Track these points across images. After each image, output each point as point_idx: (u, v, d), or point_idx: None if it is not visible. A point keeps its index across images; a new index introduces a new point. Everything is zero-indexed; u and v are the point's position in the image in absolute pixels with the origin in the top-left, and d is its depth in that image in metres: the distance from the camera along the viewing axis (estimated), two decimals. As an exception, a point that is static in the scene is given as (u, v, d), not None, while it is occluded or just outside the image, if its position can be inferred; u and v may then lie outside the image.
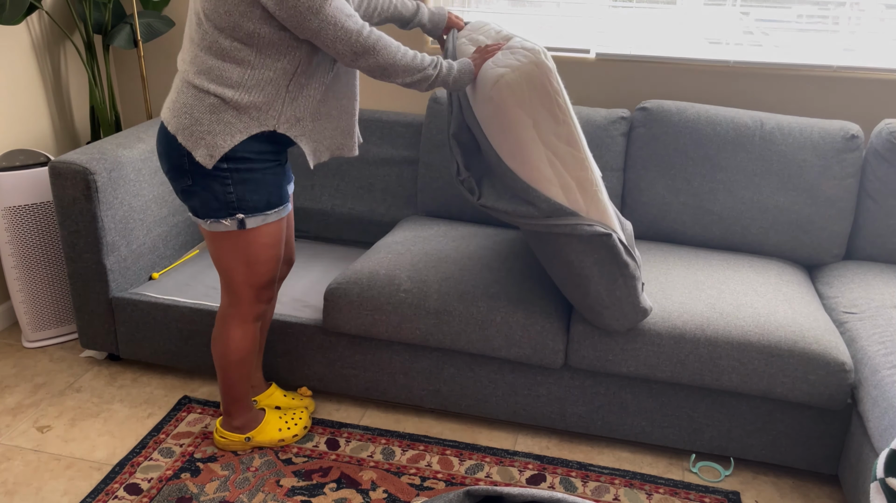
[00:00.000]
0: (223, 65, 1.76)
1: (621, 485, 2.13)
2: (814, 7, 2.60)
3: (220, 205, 1.85)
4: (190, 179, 1.84)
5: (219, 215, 1.86)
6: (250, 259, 1.94)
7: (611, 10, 2.75)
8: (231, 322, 2.04)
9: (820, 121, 2.47)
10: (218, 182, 1.83)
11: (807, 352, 1.99)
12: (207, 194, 1.84)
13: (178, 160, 1.83)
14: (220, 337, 2.06)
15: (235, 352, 2.06)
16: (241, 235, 1.89)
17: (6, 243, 2.56)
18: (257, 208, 1.88)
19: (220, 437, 2.19)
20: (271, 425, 2.21)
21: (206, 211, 1.87)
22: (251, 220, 1.88)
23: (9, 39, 2.69)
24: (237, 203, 1.85)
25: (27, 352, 2.69)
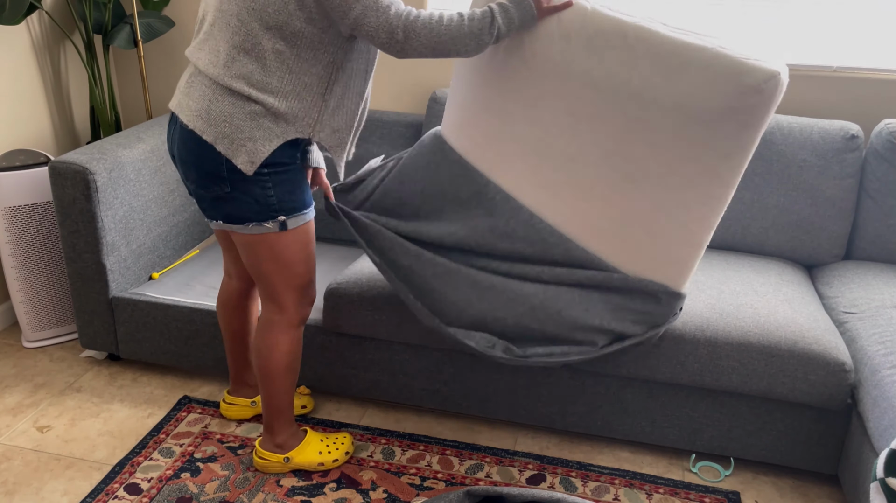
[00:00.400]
0: (263, 69, 1.71)
1: (621, 485, 2.13)
2: (814, 7, 2.60)
3: (260, 208, 1.81)
4: (228, 186, 1.79)
5: (260, 218, 1.82)
6: (290, 261, 1.90)
7: (611, 10, 2.75)
8: (277, 328, 1.98)
9: (820, 121, 2.47)
10: (258, 186, 1.79)
11: (807, 353, 1.99)
12: (248, 198, 1.80)
13: (215, 168, 1.78)
14: (266, 345, 1.99)
15: (283, 360, 1.99)
16: (280, 238, 1.86)
17: (6, 243, 2.56)
18: (296, 208, 1.85)
19: (259, 458, 2.11)
20: (312, 447, 2.12)
21: (247, 215, 1.82)
22: (291, 220, 1.85)
23: (9, 39, 2.69)
24: (278, 205, 1.82)
25: (27, 352, 2.69)
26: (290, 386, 2.04)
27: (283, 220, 1.84)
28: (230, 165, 1.77)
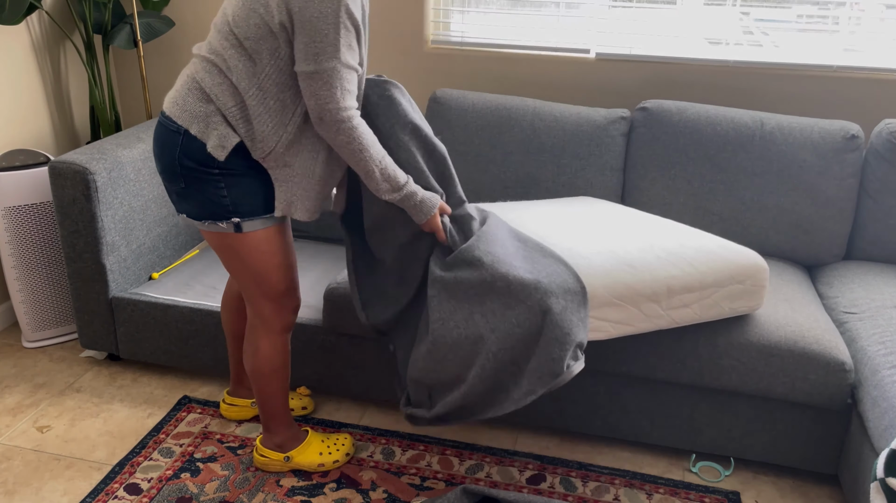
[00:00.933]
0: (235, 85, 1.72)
1: (621, 485, 2.13)
2: (814, 7, 2.60)
3: (214, 208, 1.80)
4: (183, 182, 1.79)
5: (214, 218, 1.81)
6: (259, 268, 1.88)
7: (611, 10, 2.75)
8: (258, 333, 1.98)
9: (820, 121, 2.47)
10: (211, 185, 1.78)
11: (807, 352, 1.99)
12: (202, 197, 1.80)
13: (170, 162, 1.79)
14: (249, 348, 2.00)
15: (265, 365, 1.99)
16: (239, 240, 1.84)
17: (6, 243, 2.56)
18: (253, 212, 1.82)
19: (259, 456, 2.11)
20: (313, 447, 2.12)
21: (202, 213, 1.82)
22: (247, 223, 1.82)
23: (9, 39, 2.69)
24: (232, 207, 1.80)
25: (27, 352, 2.69)
26: (278, 390, 2.03)
27: (238, 223, 1.81)
28: (182, 161, 1.76)
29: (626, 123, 2.56)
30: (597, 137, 2.54)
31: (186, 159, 1.77)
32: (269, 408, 2.05)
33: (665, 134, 2.50)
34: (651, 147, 2.51)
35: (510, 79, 2.85)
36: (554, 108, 2.60)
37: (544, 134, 2.56)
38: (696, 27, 2.71)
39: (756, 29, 2.67)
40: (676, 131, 2.49)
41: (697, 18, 2.70)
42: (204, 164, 1.77)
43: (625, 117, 2.56)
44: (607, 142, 2.54)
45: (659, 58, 2.72)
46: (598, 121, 2.56)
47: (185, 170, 1.77)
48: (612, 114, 2.56)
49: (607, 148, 2.54)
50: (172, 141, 1.78)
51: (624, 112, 2.57)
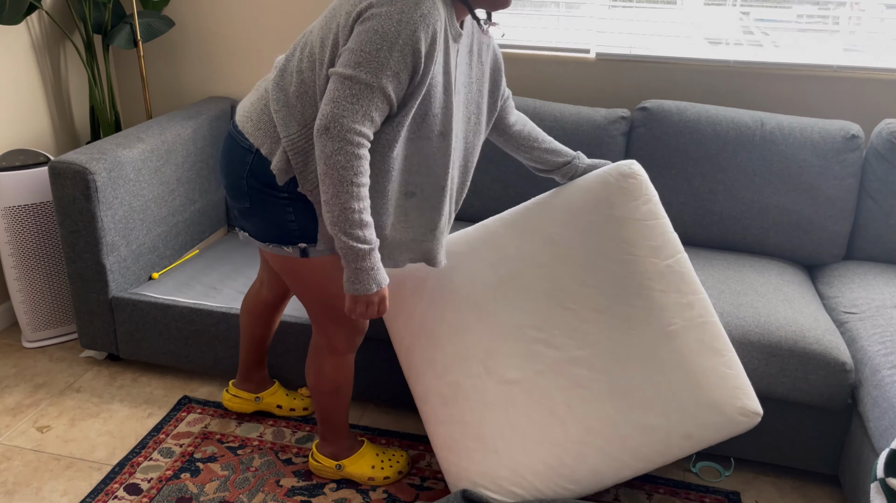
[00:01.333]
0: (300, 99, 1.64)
1: (621, 485, 2.12)
2: (814, 7, 2.60)
3: (280, 232, 1.71)
4: (248, 201, 1.71)
5: (280, 241, 1.73)
6: (323, 293, 1.78)
7: (611, 10, 2.75)
8: (322, 354, 1.92)
9: (820, 121, 2.47)
10: (278, 209, 1.69)
11: (807, 352, 1.99)
12: (267, 219, 1.71)
13: (236, 181, 1.71)
14: (312, 368, 1.95)
15: (328, 385, 1.94)
16: (305, 265, 1.75)
17: (6, 243, 2.56)
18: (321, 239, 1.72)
19: (313, 461, 2.10)
20: (366, 459, 2.08)
21: (267, 236, 1.73)
22: (315, 250, 1.73)
23: (9, 39, 2.69)
24: (299, 232, 1.71)
25: (27, 352, 2.69)
26: (339, 407, 1.98)
27: (304, 248, 1.73)
28: (249, 181, 1.69)
29: (626, 123, 2.56)
30: (597, 137, 2.54)
31: (253, 179, 1.69)
32: (329, 421, 2.02)
33: (665, 134, 2.50)
34: (651, 147, 2.51)
35: (510, 78, 2.85)
36: (554, 107, 2.60)
37: (544, 134, 2.56)
38: (696, 27, 2.71)
39: (756, 29, 2.67)
40: (676, 131, 2.49)
41: (697, 18, 2.70)
42: (272, 187, 1.68)
43: (625, 117, 2.56)
44: (607, 141, 2.54)
45: (659, 58, 2.72)
46: (598, 121, 2.56)
47: (252, 190, 1.70)
48: (611, 114, 2.56)
49: (607, 147, 2.54)
50: (242, 158, 1.70)
51: (624, 112, 2.57)
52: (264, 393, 2.32)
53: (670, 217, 2.53)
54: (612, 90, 2.79)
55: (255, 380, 2.31)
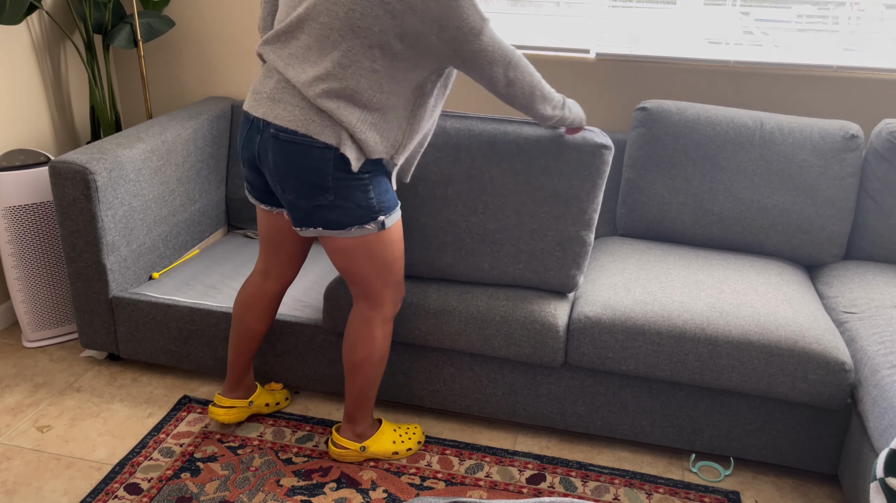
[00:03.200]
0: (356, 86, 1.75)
1: (621, 485, 2.13)
2: (814, 7, 2.60)
3: (362, 211, 1.85)
4: (332, 194, 1.82)
5: (362, 221, 1.86)
6: (387, 259, 1.95)
7: (611, 10, 2.75)
8: (373, 324, 2.03)
9: (820, 121, 2.47)
10: (360, 190, 1.83)
11: (807, 352, 1.99)
12: (350, 204, 1.83)
13: (319, 178, 1.80)
14: (362, 339, 2.03)
15: (378, 352, 2.05)
16: (380, 237, 1.91)
17: (6, 243, 2.56)
18: (391, 206, 1.90)
19: (335, 447, 2.14)
20: (386, 436, 2.17)
21: (349, 220, 1.85)
22: (389, 218, 1.90)
23: (9, 39, 2.69)
24: (378, 206, 1.87)
25: (27, 352, 2.69)
26: (378, 376, 2.09)
27: (383, 220, 1.89)
28: (335, 174, 1.80)
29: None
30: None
31: (339, 172, 1.80)
32: (363, 396, 2.10)
33: (665, 134, 2.50)
34: (651, 147, 2.51)
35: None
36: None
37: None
38: (696, 27, 2.71)
39: (756, 29, 2.67)
40: (676, 131, 2.49)
41: (697, 18, 2.70)
42: (355, 173, 1.82)
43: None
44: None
45: (659, 58, 2.72)
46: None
47: (337, 182, 1.81)
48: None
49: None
50: (321, 156, 1.79)
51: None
52: (254, 395, 2.31)
53: (670, 217, 2.53)
54: (612, 90, 2.79)
55: (245, 385, 2.28)
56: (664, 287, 2.20)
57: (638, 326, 2.07)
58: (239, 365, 2.24)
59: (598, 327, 2.09)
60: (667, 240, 2.58)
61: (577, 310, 2.14)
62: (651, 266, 2.34)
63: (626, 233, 2.60)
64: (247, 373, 2.28)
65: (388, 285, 2.00)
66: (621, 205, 2.58)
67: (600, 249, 2.49)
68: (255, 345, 2.23)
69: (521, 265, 2.20)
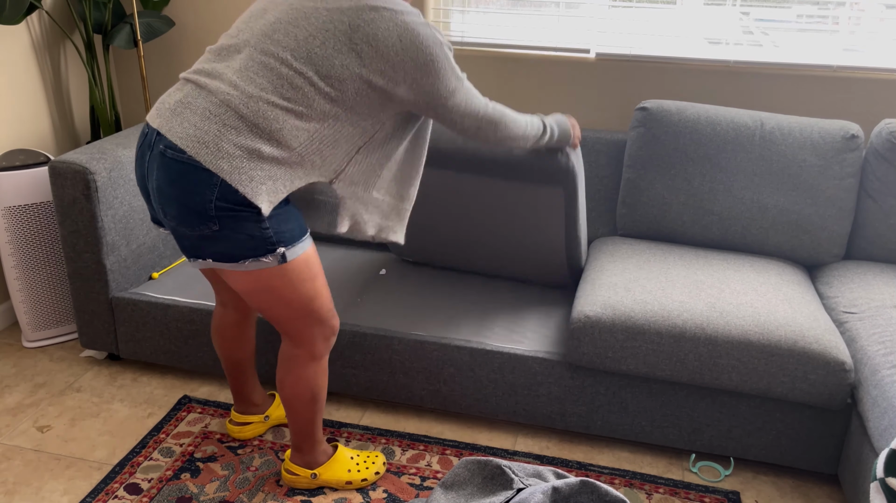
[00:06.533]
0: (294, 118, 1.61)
1: (621, 485, 2.13)
2: (814, 7, 2.60)
3: (256, 243, 1.64)
4: (216, 224, 1.61)
5: (257, 253, 1.65)
6: (302, 296, 1.75)
7: (611, 10, 2.75)
8: (299, 363, 1.87)
9: (820, 121, 2.47)
10: (251, 221, 1.61)
11: (807, 352, 1.99)
12: (240, 235, 1.62)
13: (201, 205, 1.59)
14: (289, 380, 1.89)
15: (308, 393, 1.90)
16: (282, 272, 1.69)
17: (6, 243, 2.56)
18: (294, 238, 1.69)
19: (287, 474, 2.05)
20: (340, 464, 2.06)
21: (241, 252, 1.64)
22: (291, 251, 1.68)
23: (9, 39, 2.69)
24: (275, 237, 1.65)
25: (27, 351, 2.69)
26: (316, 413, 1.96)
27: (283, 253, 1.67)
28: (220, 203, 1.59)
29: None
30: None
31: (223, 201, 1.60)
32: (306, 431, 1.98)
33: (665, 134, 2.50)
34: (651, 147, 2.51)
35: (510, 79, 2.85)
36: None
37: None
38: (696, 27, 2.71)
39: (756, 29, 2.67)
40: (676, 131, 2.49)
41: (697, 18, 2.70)
42: (243, 204, 1.61)
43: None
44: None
45: (659, 58, 2.72)
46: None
47: (221, 210, 1.60)
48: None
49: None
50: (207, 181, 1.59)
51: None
52: (270, 408, 2.28)
53: (670, 217, 2.53)
54: (612, 90, 2.79)
55: (258, 400, 2.25)
56: (664, 287, 2.20)
57: (638, 326, 2.07)
58: (238, 386, 2.20)
59: (598, 327, 2.09)
60: (667, 240, 2.58)
61: (577, 310, 2.14)
62: (651, 266, 2.34)
63: (626, 233, 2.60)
64: (253, 392, 2.23)
65: (309, 323, 1.80)
66: (621, 205, 2.58)
67: (600, 249, 2.49)
68: (247, 366, 2.17)
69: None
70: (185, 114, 1.61)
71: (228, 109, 1.60)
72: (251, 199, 1.59)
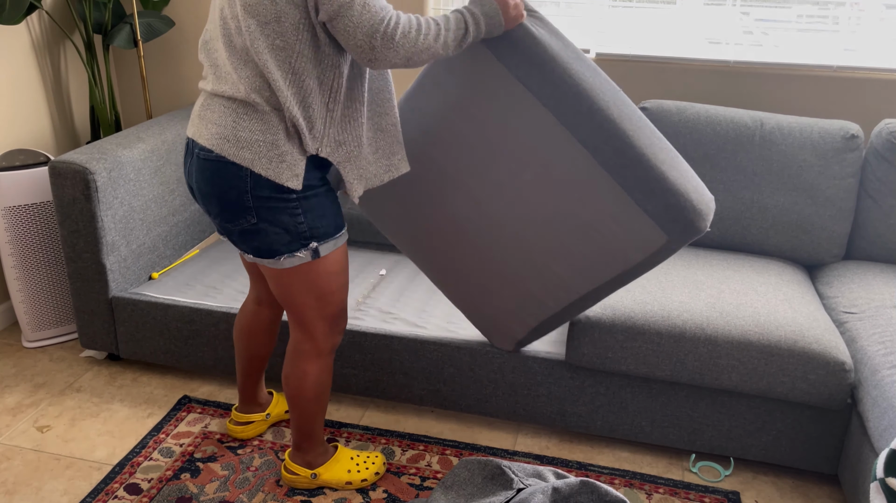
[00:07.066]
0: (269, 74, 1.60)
1: (621, 485, 2.13)
2: (814, 7, 2.60)
3: (291, 237, 1.70)
4: (254, 216, 1.68)
5: (292, 248, 1.71)
6: (323, 290, 1.80)
7: (611, 10, 2.75)
8: (306, 358, 1.90)
9: (820, 121, 2.47)
10: (287, 214, 1.68)
11: (807, 352, 1.99)
12: (276, 228, 1.69)
13: (238, 197, 1.67)
14: (295, 374, 1.91)
15: (312, 389, 1.92)
16: (313, 267, 1.75)
17: (6, 243, 2.56)
18: (328, 233, 1.74)
19: (286, 473, 2.05)
20: (341, 464, 2.06)
21: (278, 247, 1.71)
22: (324, 247, 1.74)
23: (9, 39, 2.69)
24: (309, 232, 1.71)
25: (27, 352, 2.69)
26: (319, 411, 1.97)
27: (316, 248, 1.73)
28: (255, 193, 1.66)
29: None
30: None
31: (258, 190, 1.66)
32: (307, 429, 1.99)
33: (665, 134, 2.50)
34: (651, 147, 2.51)
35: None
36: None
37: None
38: (696, 27, 2.71)
39: (756, 29, 2.67)
40: (676, 131, 2.49)
41: (697, 18, 2.70)
42: (280, 190, 1.67)
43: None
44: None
45: (659, 58, 2.72)
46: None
47: (259, 202, 1.67)
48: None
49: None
50: (238, 174, 1.66)
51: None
52: (270, 406, 2.28)
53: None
54: (611, 90, 2.79)
55: (260, 399, 2.26)
56: (664, 287, 2.20)
57: (638, 326, 2.07)
58: (249, 384, 2.21)
59: (598, 327, 2.09)
60: (667, 240, 2.58)
61: (577, 311, 2.14)
62: (651, 266, 2.34)
63: (626, 233, 2.60)
64: (259, 390, 2.24)
65: (324, 317, 1.85)
66: (621, 205, 2.58)
67: (600, 249, 2.49)
68: (262, 364, 2.18)
69: None
70: (207, 115, 1.71)
71: (235, 101, 1.67)
72: (276, 179, 1.65)
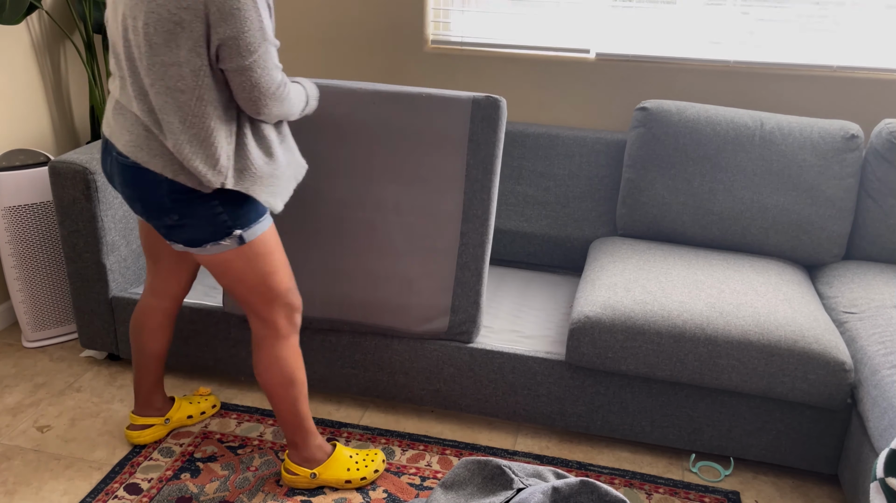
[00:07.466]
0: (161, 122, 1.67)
1: (621, 485, 2.13)
2: (814, 7, 2.60)
3: (214, 228, 1.76)
4: (175, 214, 1.74)
5: (215, 237, 1.77)
6: (261, 272, 1.84)
7: (611, 10, 2.75)
8: (268, 344, 1.92)
9: (820, 121, 2.47)
10: (205, 208, 1.74)
11: (807, 352, 1.99)
12: (198, 222, 1.75)
13: (158, 198, 1.73)
14: (262, 363, 1.94)
15: (283, 374, 1.94)
16: (242, 252, 1.80)
17: (6, 243, 2.56)
18: (250, 220, 1.79)
19: (286, 473, 2.06)
20: (339, 463, 2.06)
21: (202, 237, 1.77)
22: (248, 232, 1.79)
23: (9, 39, 2.69)
24: (231, 222, 1.76)
25: (27, 352, 2.69)
26: (299, 397, 1.98)
27: (240, 234, 1.78)
28: (173, 196, 1.72)
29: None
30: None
31: (175, 193, 1.72)
32: (292, 421, 2.00)
33: (665, 134, 2.50)
34: (651, 147, 2.51)
35: (510, 79, 2.85)
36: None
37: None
38: (696, 27, 2.71)
39: (756, 29, 2.67)
40: (676, 131, 2.49)
41: (697, 18, 2.70)
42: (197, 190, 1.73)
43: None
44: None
45: (659, 58, 2.72)
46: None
47: (177, 202, 1.73)
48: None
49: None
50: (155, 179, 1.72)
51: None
52: (171, 411, 2.26)
53: (670, 217, 2.53)
54: (612, 90, 2.79)
55: (158, 403, 2.23)
56: (664, 287, 2.20)
57: (638, 326, 2.07)
58: (145, 384, 2.19)
59: (598, 327, 2.09)
60: (667, 240, 2.58)
61: (577, 311, 2.14)
62: (651, 266, 2.34)
63: (625, 233, 2.60)
64: (156, 391, 2.21)
65: (271, 300, 1.88)
66: (621, 205, 2.58)
67: (600, 249, 2.49)
68: (157, 363, 2.16)
69: None
70: (120, 121, 1.76)
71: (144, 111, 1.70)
72: (188, 184, 1.71)
